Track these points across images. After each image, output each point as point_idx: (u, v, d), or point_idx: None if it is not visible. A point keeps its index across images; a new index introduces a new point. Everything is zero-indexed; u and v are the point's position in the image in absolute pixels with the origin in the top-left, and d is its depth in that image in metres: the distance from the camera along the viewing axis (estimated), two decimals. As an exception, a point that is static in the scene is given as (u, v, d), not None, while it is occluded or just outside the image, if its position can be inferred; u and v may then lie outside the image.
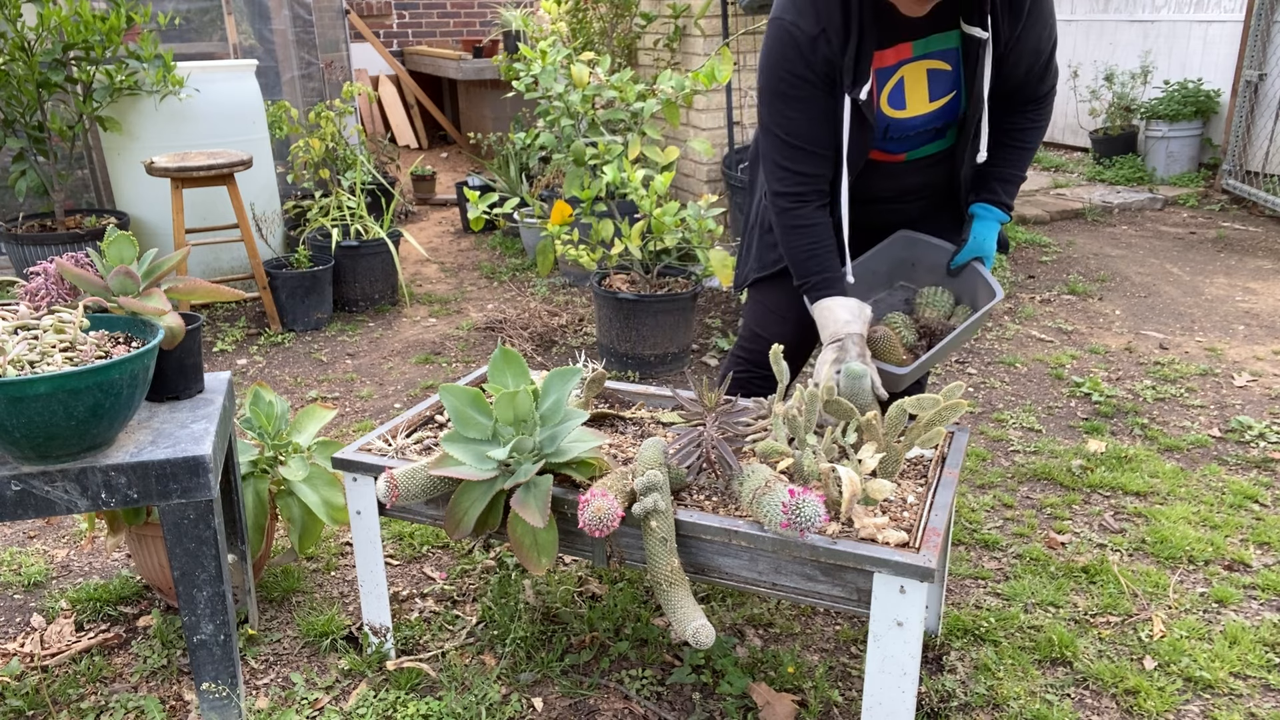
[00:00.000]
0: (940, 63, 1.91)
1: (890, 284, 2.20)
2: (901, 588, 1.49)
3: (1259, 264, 5.14)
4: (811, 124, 1.91)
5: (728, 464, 1.69)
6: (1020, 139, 2.06)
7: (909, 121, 1.95)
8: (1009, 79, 1.95)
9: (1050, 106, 2.06)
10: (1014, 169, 2.07)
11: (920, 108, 1.94)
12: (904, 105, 1.94)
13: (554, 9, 4.99)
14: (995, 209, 2.07)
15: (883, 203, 2.13)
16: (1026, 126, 2.05)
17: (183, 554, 1.75)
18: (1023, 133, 2.05)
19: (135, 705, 1.97)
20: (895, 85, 1.92)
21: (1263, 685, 2.01)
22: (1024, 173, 2.09)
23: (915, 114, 1.94)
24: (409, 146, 8.06)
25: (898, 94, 1.93)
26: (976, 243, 2.06)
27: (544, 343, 4.11)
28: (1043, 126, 2.07)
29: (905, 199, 2.13)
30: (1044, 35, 1.91)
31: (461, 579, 2.43)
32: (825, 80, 1.87)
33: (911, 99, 1.93)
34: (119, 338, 1.79)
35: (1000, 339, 4.07)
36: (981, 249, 2.07)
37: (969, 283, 2.07)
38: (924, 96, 1.93)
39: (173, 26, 5.02)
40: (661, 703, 1.98)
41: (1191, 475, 2.90)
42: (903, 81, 1.92)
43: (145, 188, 4.46)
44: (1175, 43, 7.42)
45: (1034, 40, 1.90)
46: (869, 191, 2.08)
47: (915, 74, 1.92)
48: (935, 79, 1.92)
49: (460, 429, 1.76)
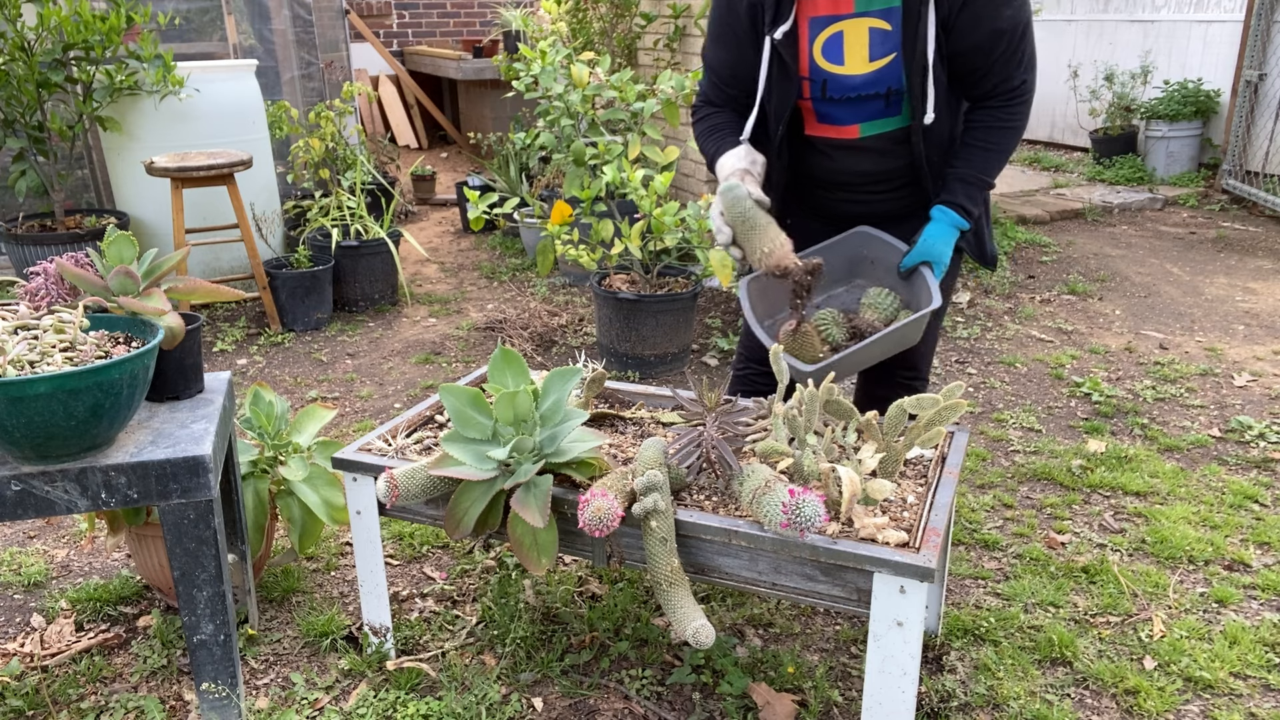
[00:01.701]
0: (881, 21, 1.85)
1: (850, 280, 2.14)
2: (901, 588, 1.49)
3: (1259, 264, 5.14)
4: (731, 66, 2.00)
5: (728, 464, 1.69)
6: (986, 138, 1.94)
7: (848, 79, 1.90)
8: (961, 56, 1.86)
9: (1024, 108, 1.93)
10: (977, 171, 1.95)
11: (860, 66, 1.89)
12: (842, 61, 1.89)
13: (554, 9, 4.99)
14: (950, 211, 1.95)
15: (843, 188, 2.08)
16: (994, 125, 1.93)
17: (183, 554, 1.75)
18: (989, 131, 1.93)
19: (135, 705, 1.97)
20: (832, 38, 1.88)
21: (1263, 685, 2.01)
22: (989, 177, 1.95)
23: (854, 72, 1.89)
24: (409, 146, 8.06)
25: (834, 48, 1.89)
26: (925, 246, 1.96)
27: (544, 343, 4.11)
28: (1014, 128, 1.93)
29: (867, 188, 2.07)
30: (1003, 17, 1.81)
31: (461, 579, 2.43)
32: (749, 23, 1.93)
33: (851, 56, 1.89)
34: (119, 338, 1.79)
35: (1000, 339, 4.08)
36: (929, 253, 1.96)
37: (916, 287, 1.96)
38: (864, 55, 1.88)
39: (173, 26, 5.02)
40: (661, 703, 1.98)
41: (1191, 475, 2.90)
42: (842, 36, 1.88)
43: (145, 188, 4.46)
44: (1175, 43, 7.42)
45: (987, 10, 1.80)
46: (827, 174, 2.06)
47: (856, 30, 1.87)
48: (876, 38, 1.86)
49: (460, 429, 1.76)
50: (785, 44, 1.89)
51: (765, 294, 2.06)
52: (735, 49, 1.98)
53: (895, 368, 2.18)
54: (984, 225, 2.11)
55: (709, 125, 2.08)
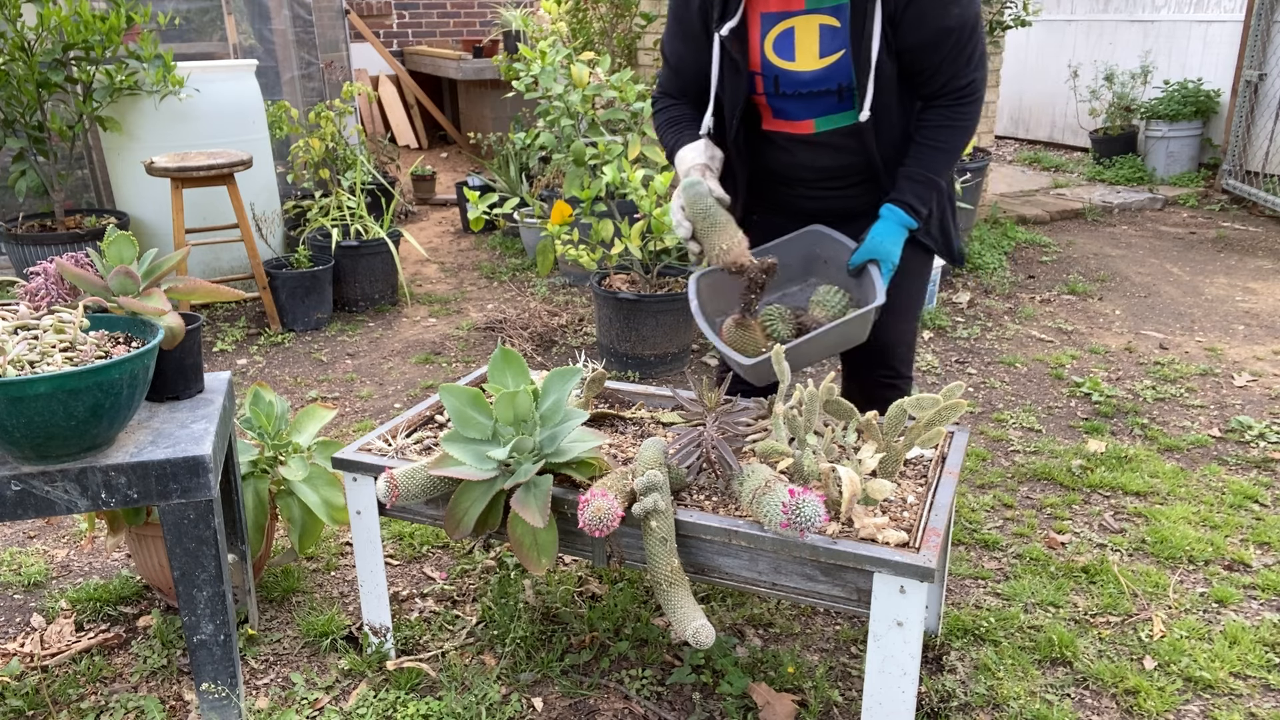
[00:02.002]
0: (831, 18, 1.87)
1: (805, 279, 2.14)
2: (901, 588, 1.49)
3: (1259, 264, 5.14)
4: (684, 60, 2.03)
5: (728, 464, 1.69)
6: (934, 137, 1.93)
7: (799, 75, 1.92)
8: (909, 53, 1.86)
9: (973, 107, 1.92)
10: (924, 169, 1.94)
11: (810, 63, 1.90)
12: (793, 57, 1.91)
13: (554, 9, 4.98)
14: (900, 211, 1.95)
15: (802, 183, 2.10)
16: (944, 124, 1.92)
17: (183, 554, 1.75)
18: (937, 130, 1.93)
19: (135, 705, 1.97)
20: (783, 34, 1.90)
21: (1263, 685, 2.01)
22: (939, 176, 1.95)
23: (805, 68, 1.91)
24: (409, 146, 8.06)
25: (786, 44, 1.91)
26: (872, 244, 1.95)
27: (544, 343, 4.11)
28: (963, 128, 1.93)
29: (825, 183, 2.08)
30: (950, 15, 1.81)
31: (461, 579, 2.43)
32: (700, 19, 1.95)
33: (801, 52, 1.90)
34: (119, 338, 1.79)
35: (1000, 339, 4.08)
36: (876, 251, 1.95)
37: (865, 285, 1.96)
38: (814, 51, 1.89)
39: (173, 26, 5.02)
40: (661, 703, 1.98)
41: (1191, 475, 2.90)
42: (793, 32, 1.89)
43: (145, 188, 4.46)
44: (1175, 43, 7.42)
45: (933, 8, 1.81)
46: (785, 169, 2.08)
47: (807, 26, 1.89)
48: (826, 35, 1.88)
49: (460, 429, 1.76)
50: (732, 40, 1.92)
51: (717, 290, 2.07)
52: (689, 42, 2.01)
53: (874, 367, 2.18)
54: (949, 222, 2.12)
55: (668, 117, 2.12)
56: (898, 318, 2.13)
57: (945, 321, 4.22)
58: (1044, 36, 8.42)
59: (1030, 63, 8.57)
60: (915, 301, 2.17)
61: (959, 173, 4.80)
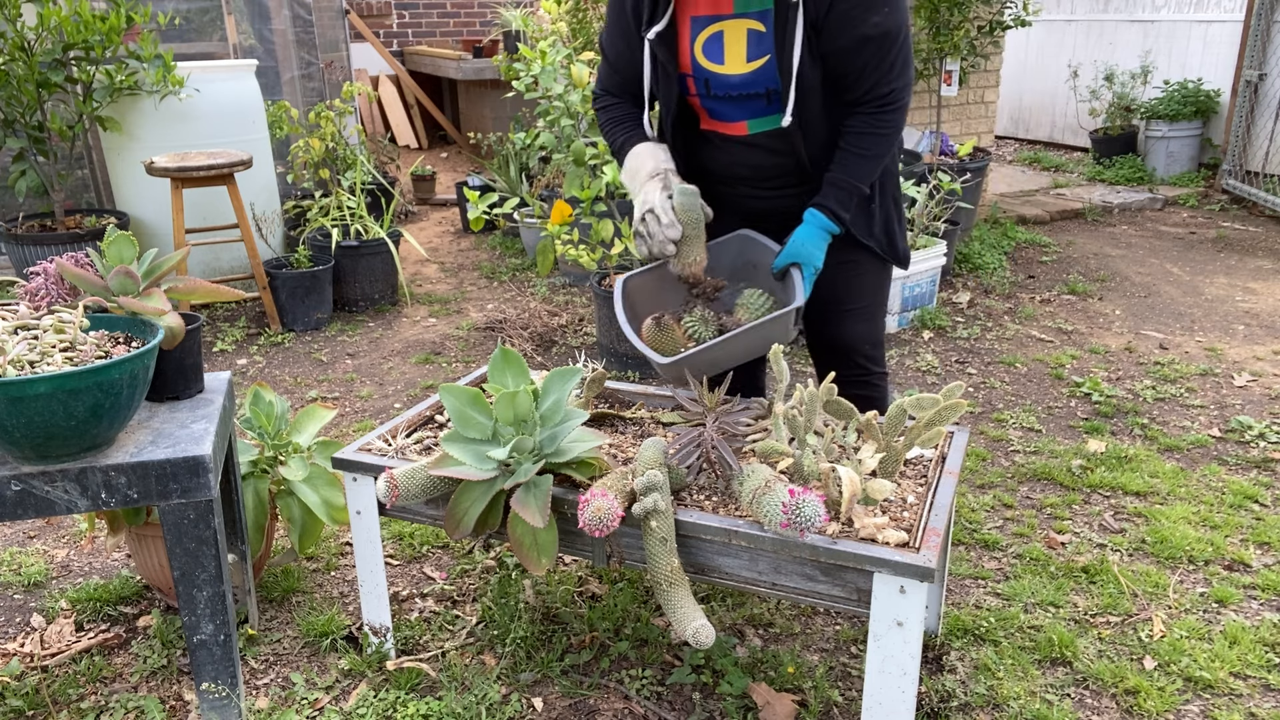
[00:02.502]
0: (758, 23, 1.90)
1: (733, 283, 2.16)
2: (901, 588, 1.49)
3: (1259, 264, 5.14)
4: (622, 57, 2.07)
5: (728, 464, 1.69)
6: (859, 144, 1.95)
7: (728, 78, 1.96)
8: (831, 58, 1.87)
9: (895, 115, 1.93)
10: (848, 175, 1.96)
11: (738, 66, 1.94)
12: (722, 60, 1.94)
13: (554, 9, 4.98)
14: (821, 215, 1.97)
15: (741, 183, 2.13)
16: (866, 131, 1.94)
17: (183, 554, 1.75)
18: (860, 136, 1.94)
19: (135, 705, 1.97)
20: (712, 37, 1.93)
21: (1263, 685, 2.01)
22: (861, 183, 1.97)
23: (734, 72, 1.94)
24: (409, 146, 8.06)
25: (714, 47, 1.94)
26: (793, 248, 1.98)
27: (544, 343, 4.11)
28: (885, 135, 1.94)
29: (763, 182, 2.10)
30: (869, 23, 1.82)
31: (461, 579, 2.43)
32: (633, 20, 2.00)
33: (730, 56, 1.93)
34: (119, 338, 1.79)
35: (1000, 339, 4.08)
36: (798, 255, 1.98)
37: (789, 289, 1.99)
38: (742, 55, 1.93)
39: (173, 26, 5.02)
40: (661, 703, 1.98)
41: (1191, 475, 2.90)
42: (722, 36, 1.93)
43: (145, 188, 4.46)
44: (1175, 43, 7.42)
45: (853, 15, 1.82)
46: (725, 167, 2.11)
47: (736, 31, 1.92)
48: (754, 39, 1.91)
49: (460, 429, 1.76)
50: (660, 43, 1.95)
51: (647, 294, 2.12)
52: (626, 40, 2.04)
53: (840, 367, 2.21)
54: (894, 225, 2.14)
55: (613, 115, 2.15)
56: (855, 319, 2.18)
57: (945, 321, 4.22)
58: (1044, 36, 8.42)
59: (1030, 63, 8.57)
60: (871, 303, 2.20)
61: (958, 172, 4.80)
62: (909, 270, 4.08)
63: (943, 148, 5.18)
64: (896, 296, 4.12)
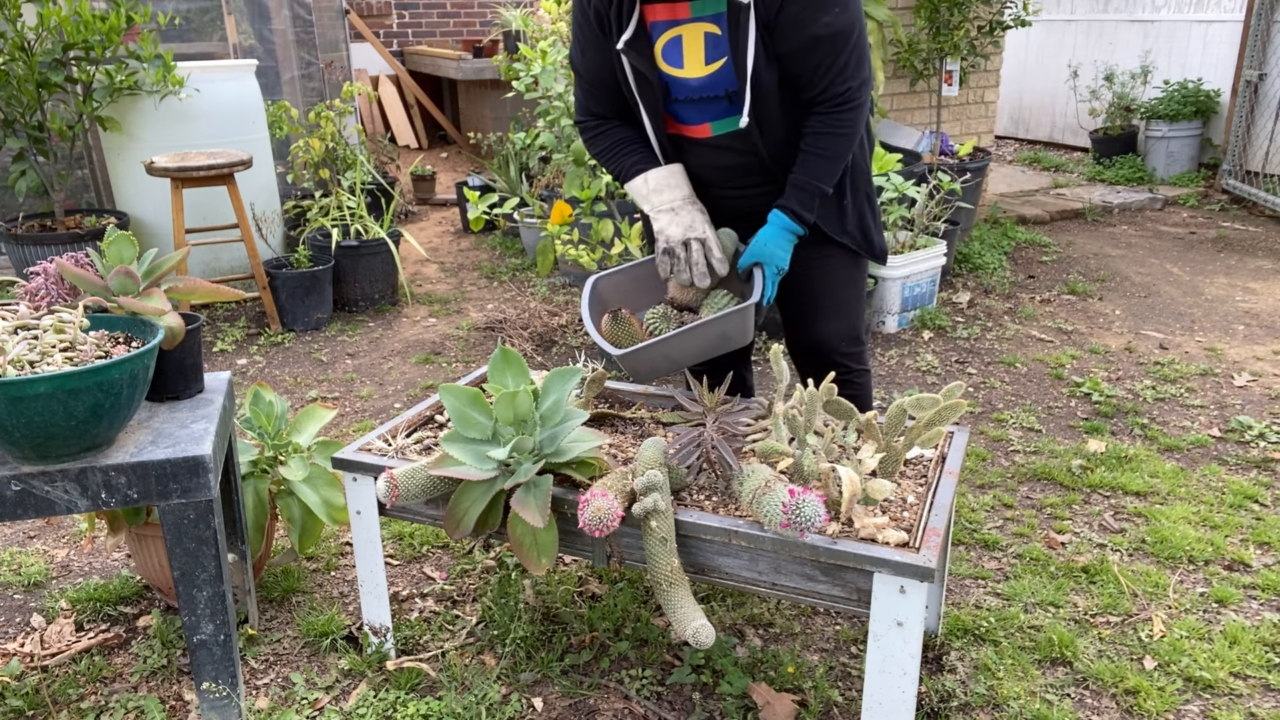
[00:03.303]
0: (713, 26, 1.91)
1: None
2: (901, 588, 1.49)
3: (1259, 264, 5.14)
4: (595, 69, 2.04)
5: (728, 464, 1.69)
6: (815, 144, 1.96)
7: (689, 82, 1.97)
8: (784, 58, 1.88)
9: (853, 114, 1.94)
10: (808, 175, 1.98)
11: (697, 70, 1.95)
12: (681, 64, 1.96)
13: (554, 9, 4.98)
14: (784, 216, 2.00)
15: (717, 186, 2.14)
16: (824, 131, 1.95)
17: (183, 554, 1.75)
18: (818, 137, 1.95)
19: (135, 705, 1.97)
20: (671, 42, 1.94)
21: (1263, 685, 2.01)
22: (822, 183, 1.98)
23: (693, 75, 1.96)
24: (409, 146, 8.06)
25: (674, 52, 1.95)
26: (756, 248, 2.01)
27: (544, 343, 4.11)
28: (844, 135, 1.95)
29: (732, 183, 2.12)
30: (820, 23, 1.83)
31: (461, 579, 2.43)
32: (600, 28, 1.98)
33: (689, 59, 1.95)
34: (119, 338, 1.79)
35: (1000, 339, 4.08)
36: (761, 254, 2.01)
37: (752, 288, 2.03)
38: (700, 58, 1.94)
39: (173, 26, 5.02)
40: (661, 703, 1.98)
41: (1191, 475, 2.90)
42: (680, 40, 1.94)
43: (145, 188, 4.46)
44: (1175, 43, 7.42)
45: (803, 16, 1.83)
46: (702, 172, 2.12)
47: (693, 34, 1.93)
48: (710, 42, 1.93)
49: (460, 429, 1.76)
50: (630, 50, 1.94)
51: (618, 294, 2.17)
52: (597, 54, 2.03)
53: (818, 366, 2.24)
54: (869, 221, 2.16)
55: (612, 140, 2.12)
56: (829, 317, 2.20)
57: (945, 321, 4.22)
58: (1044, 36, 8.42)
59: (1030, 63, 8.57)
60: (846, 300, 2.21)
61: (958, 172, 4.80)
62: (909, 270, 4.08)
63: (943, 148, 5.18)
64: (896, 297, 4.12)
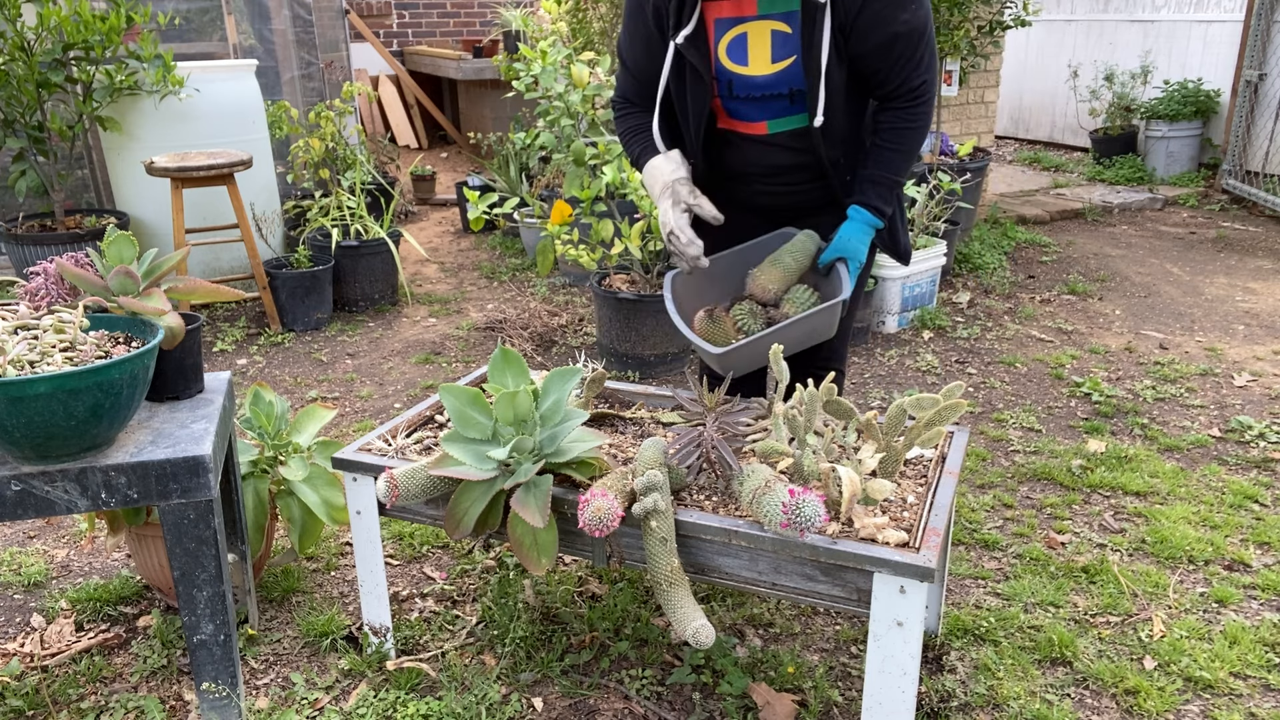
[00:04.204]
0: (782, 24, 1.91)
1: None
2: (901, 588, 1.49)
3: (1259, 264, 5.14)
4: (643, 61, 2.05)
5: (728, 464, 1.69)
6: (892, 139, 1.99)
7: (752, 80, 1.97)
8: (861, 59, 1.91)
9: (926, 108, 1.97)
10: (884, 170, 2.01)
11: (763, 67, 1.96)
12: (746, 62, 1.96)
13: (554, 9, 4.98)
14: (864, 210, 2.02)
15: (757, 179, 2.14)
16: (900, 126, 1.98)
17: (183, 554, 1.75)
18: (895, 131, 1.99)
19: (135, 705, 1.97)
20: (736, 39, 1.94)
21: (1263, 685, 2.01)
22: (898, 176, 2.02)
23: (758, 73, 1.96)
24: (409, 146, 8.06)
25: (739, 49, 1.95)
26: (840, 243, 2.03)
27: (544, 343, 4.11)
28: (918, 129, 1.98)
29: (779, 178, 2.13)
30: (899, 21, 1.86)
31: (461, 579, 2.43)
32: (655, 21, 1.98)
33: (754, 57, 1.95)
34: (119, 338, 1.79)
35: (1000, 339, 4.08)
36: (844, 249, 2.03)
37: (833, 283, 2.06)
38: (766, 56, 1.94)
39: (173, 26, 5.02)
40: (661, 703, 1.98)
41: (1191, 475, 2.90)
42: (746, 37, 1.94)
43: (145, 188, 4.46)
44: (1175, 43, 7.42)
45: (886, 21, 1.86)
46: (741, 166, 2.12)
47: (759, 32, 1.93)
48: (778, 40, 1.93)
49: (460, 429, 1.76)
50: (689, 47, 1.94)
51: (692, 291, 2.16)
52: (646, 47, 2.03)
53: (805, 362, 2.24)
54: (897, 222, 2.17)
55: (631, 125, 2.15)
56: None
57: (945, 321, 4.22)
58: (1044, 36, 8.41)
59: (1030, 63, 8.57)
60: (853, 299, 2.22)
61: (958, 172, 4.80)
62: (909, 270, 4.08)
63: (943, 148, 5.18)
64: (896, 296, 4.12)
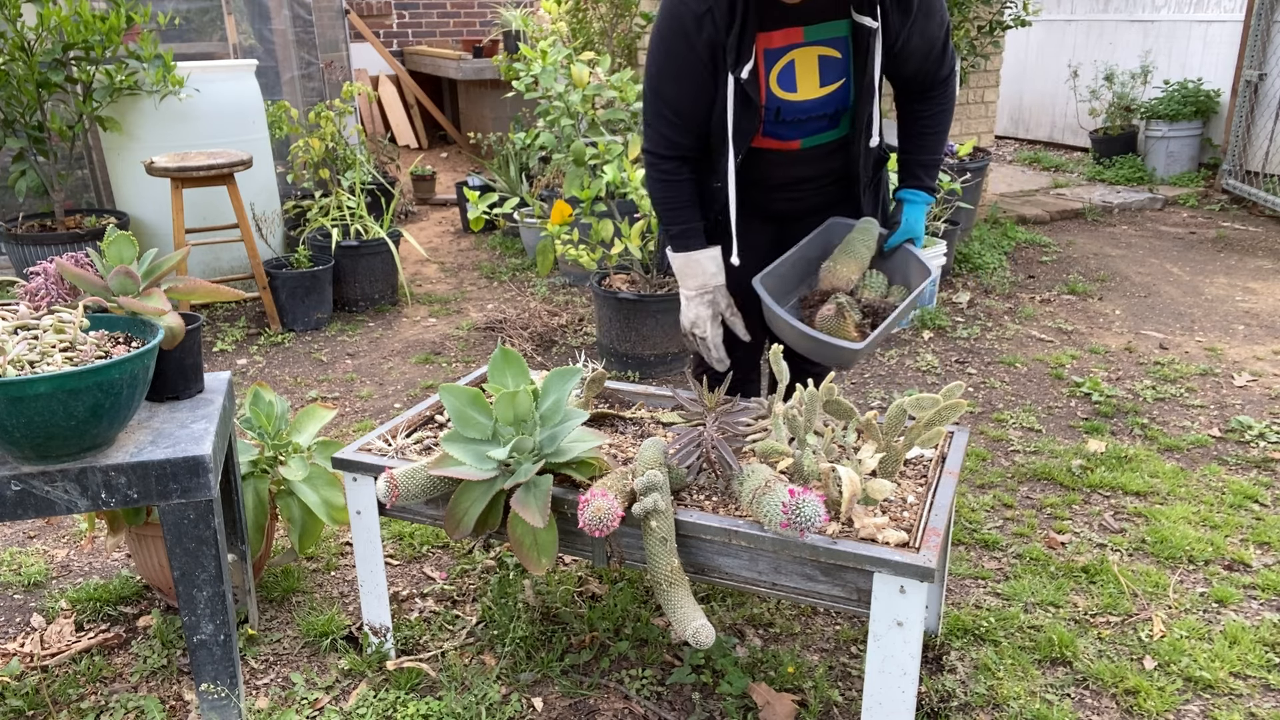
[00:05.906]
0: (831, 49, 1.95)
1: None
2: (901, 588, 1.49)
3: (1259, 264, 5.14)
4: (692, 101, 1.99)
5: (728, 464, 1.69)
6: (932, 124, 2.15)
7: (800, 105, 2.00)
8: (904, 69, 2.05)
9: (953, 88, 2.13)
10: (931, 154, 2.17)
11: (811, 92, 1.99)
12: (795, 88, 1.99)
13: (554, 9, 4.98)
14: (921, 193, 2.17)
15: (779, 189, 2.18)
16: (936, 111, 2.13)
17: (183, 554, 1.75)
18: (933, 118, 2.14)
19: (135, 705, 1.97)
20: (785, 67, 1.96)
21: (1263, 685, 2.01)
22: (941, 155, 2.19)
23: (806, 98, 2.00)
24: (409, 146, 8.06)
25: (788, 76, 1.97)
26: (908, 225, 2.16)
27: (544, 343, 4.11)
28: (950, 109, 2.15)
29: (801, 186, 2.18)
30: (935, 26, 1.98)
31: (461, 579, 2.43)
32: (709, 58, 1.92)
33: (802, 83, 1.98)
34: (119, 338, 1.79)
35: (1000, 339, 4.08)
36: (912, 230, 2.16)
37: (901, 264, 2.17)
38: (815, 81, 1.98)
39: (173, 26, 5.02)
40: (661, 703, 1.98)
41: (1191, 475, 2.90)
42: (793, 65, 1.96)
43: (145, 188, 4.46)
44: (1175, 43, 7.42)
45: (927, 32, 1.98)
46: (766, 178, 2.14)
47: (807, 58, 1.96)
48: (826, 65, 1.97)
49: (460, 429, 1.76)
50: (752, 81, 1.94)
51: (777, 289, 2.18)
52: (695, 85, 1.96)
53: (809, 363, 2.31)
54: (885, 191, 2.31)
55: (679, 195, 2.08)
56: None
57: (945, 321, 4.22)
58: (1044, 36, 8.41)
59: (1030, 63, 8.57)
60: None
61: (958, 172, 4.80)
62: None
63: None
64: (896, 296, 4.12)
